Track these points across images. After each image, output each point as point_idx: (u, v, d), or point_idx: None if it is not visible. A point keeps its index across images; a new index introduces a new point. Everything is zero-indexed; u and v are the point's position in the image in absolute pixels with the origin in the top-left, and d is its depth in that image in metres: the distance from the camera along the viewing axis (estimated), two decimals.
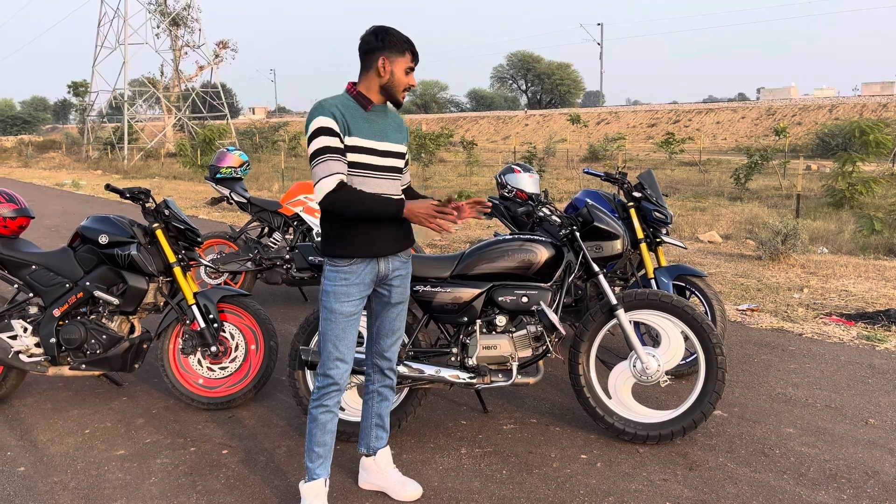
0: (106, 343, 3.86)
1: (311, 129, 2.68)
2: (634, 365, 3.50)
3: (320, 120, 2.67)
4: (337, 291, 2.76)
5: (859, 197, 13.02)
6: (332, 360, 2.80)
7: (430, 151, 24.26)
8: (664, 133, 26.94)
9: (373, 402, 3.09)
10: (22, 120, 79.84)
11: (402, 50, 2.74)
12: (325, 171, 2.64)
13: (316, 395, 2.84)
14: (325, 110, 2.68)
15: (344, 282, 2.75)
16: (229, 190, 6.47)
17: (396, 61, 2.74)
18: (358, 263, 2.76)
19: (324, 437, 2.86)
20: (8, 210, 3.96)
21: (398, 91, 2.78)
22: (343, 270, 2.75)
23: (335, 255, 2.76)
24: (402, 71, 2.75)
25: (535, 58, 73.85)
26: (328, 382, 2.82)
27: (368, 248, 2.76)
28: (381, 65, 2.72)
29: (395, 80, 2.75)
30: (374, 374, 3.06)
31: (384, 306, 2.94)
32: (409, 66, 2.77)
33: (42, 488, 3.18)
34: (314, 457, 2.86)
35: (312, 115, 2.69)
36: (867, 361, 4.71)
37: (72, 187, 20.89)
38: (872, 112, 34.52)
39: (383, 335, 2.99)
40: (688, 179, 20.13)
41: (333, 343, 2.79)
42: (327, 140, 2.65)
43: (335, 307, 2.76)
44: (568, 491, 3.07)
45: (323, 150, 2.65)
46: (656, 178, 4.65)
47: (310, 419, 2.86)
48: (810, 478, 3.16)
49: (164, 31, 40.60)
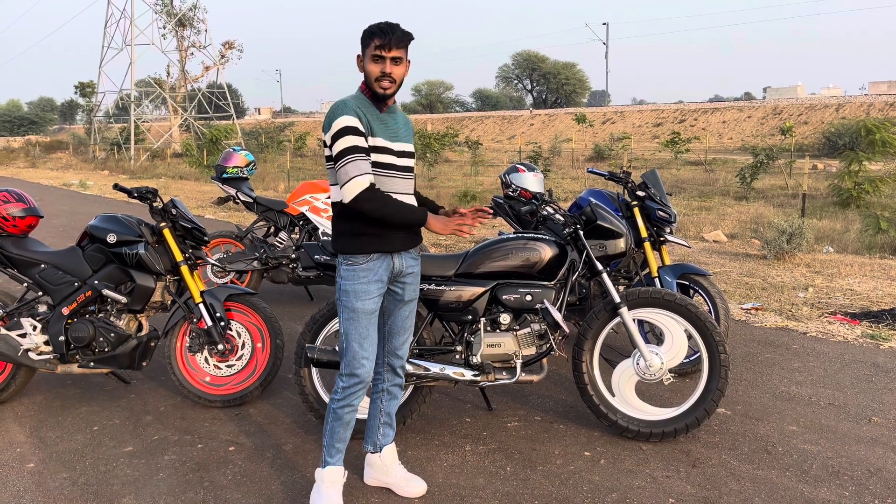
0: (114, 341, 3.90)
1: (337, 128, 2.67)
2: (638, 363, 3.52)
3: (346, 119, 2.67)
4: (357, 290, 2.77)
5: (865, 196, 12.98)
6: (358, 359, 2.81)
7: (436, 151, 24.30)
8: (670, 132, 26.88)
9: (382, 401, 3.10)
10: (29, 120, 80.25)
11: (367, 40, 2.70)
12: (356, 171, 2.64)
13: (341, 395, 2.84)
14: (349, 109, 2.69)
15: (364, 279, 2.77)
16: (235, 189, 6.51)
17: (365, 54, 2.72)
18: (375, 260, 2.78)
19: (346, 433, 2.89)
20: (17, 209, 4.01)
21: (373, 83, 2.72)
22: (361, 268, 2.77)
23: (353, 251, 2.77)
24: (370, 60, 2.70)
25: (540, 57, 73.81)
26: (354, 381, 2.83)
27: (385, 244, 2.78)
28: (358, 62, 2.75)
29: (366, 72, 2.73)
30: (386, 373, 3.08)
31: (397, 304, 2.96)
32: (374, 53, 2.68)
33: (51, 484, 3.22)
34: (334, 452, 2.89)
35: (336, 113, 2.69)
36: (871, 360, 4.72)
37: (79, 187, 20.99)
38: (879, 111, 34.39)
39: (396, 333, 3.01)
40: (693, 179, 20.10)
41: (359, 342, 2.80)
42: (354, 139, 2.66)
43: (357, 306, 2.78)
44: (571, 487, 3.10)
45: (352, 149, 2.65)
46: (660, 178, 4.67)
47: (333, 417, 2.86)
48: (813, 475, 3.18)
49: (170, 32, 40.70)
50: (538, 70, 73.83)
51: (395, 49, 2.68)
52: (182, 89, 41.61)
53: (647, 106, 52.86)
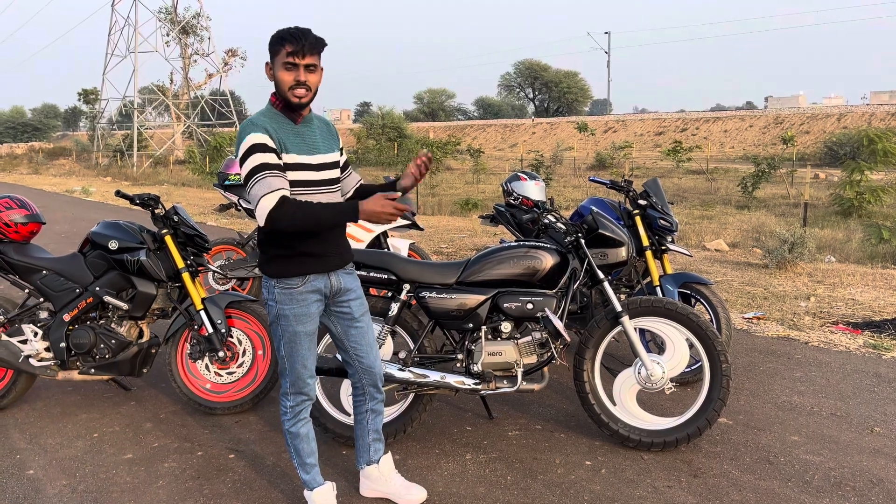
0: (115, 348, 3.90)
1: (244, 148, 2.51)
2: (639, 372, 3.51)
3: (253, 137, 2.51)
4: (297, 313, 2.67)
5: (867, 206, 12.98)
6: (304, 379, 2.78)
7: (438, 159, 24.32)
8: (671, 141, 26.92)
9: (367, 421, 3.05)
10: (32, 127, 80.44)
11: (277, 46, 2.53)
12: (264, 189, 2.47)
13: (291, 414, 2.80)
14: (256, 127, 2.53)
15: (302, 302, 2.66)
16: (237, 197, 6.51)
17: (276, 62, 2.55)
18: (312, 281, 2.68)
19: (310, 445, 2.86)
20: (19, 216, 4.01)
21: (286, 93, 2.56)
22: (298, 290, 2.65)
23: (289, 275, 2.63)
24: (282, 68, 2.54)
25: (542, 66, 73.97)
26: (302, 399, 2.80)
27: (320, 264, 2.67)
28: (267, 72, 2.58)
29: (278, 81, 2.56)
30: (366, 395, 3.01)
31: (351, 324, 2.86)
32: (286, 60, 2.52)
33: (51, 491, 3.21)
34: (309, 468, 2.87)
35: (243, 133, 2.54)
36: (873, 370, 4.71)
37: (82, 194, 21.03)
38: (881, 121, 34.40)
39: (364, 353, 2.92)
40: (695, 188, 20.11)
41: (302, 364, 2.76)
42: (263, 157, 2.50)
43: (298, 329, 2.69)
44: (572, 497, 3.08)
45: (259, 167, 2.49)
46: (662, 186, 4.67)
47: (291, 437, 2.82)
48: (815, 485, 3.16)
49: (173, 40, 40.89)
50: (540, 79, 73.97)
51: (308, 56, 2.53)
52: (185, 96, 41.75)
53: (649, 115, 52.95)
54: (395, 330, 3.59)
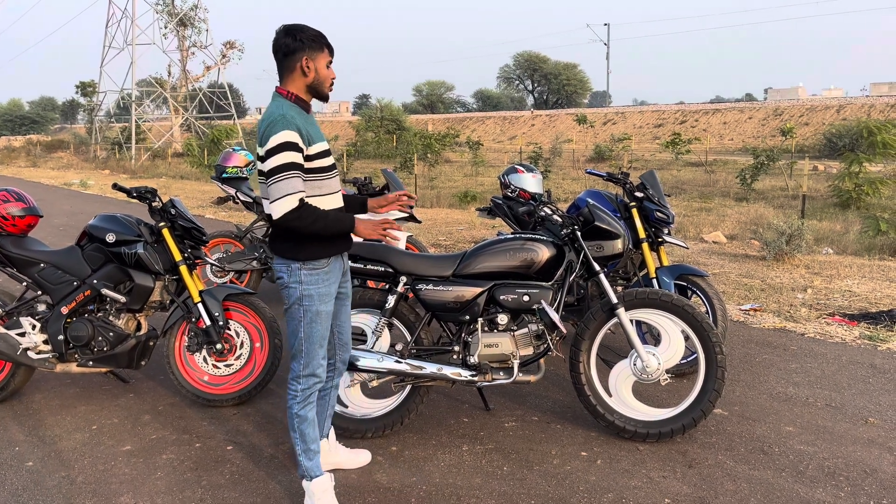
0: (113, 340, 3.91)
1: (276, 143, 2.64)
2: (635, 363, 3.53)
3: (287, 135, 2.65)
4: (321, 293, 2.83)
5: (866, 198, 12.99)
6: (318, 360, 2.88)
7: (436, 152, 24.30)
8: (671, 133, 26.91)
9: (330, 396, 3.20)
10: (30, 120, 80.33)
11: (319, 46, 2.77)
12: (287, 189, 2.64)
13: (301, 398, 2.86)
14: (290, 124, 2.66)
15: (326, 281, 2.83)
16: (235, 189, 6.52)
17: (317, 58, 2.77)
18: (333, 262, 2.85)
19: (315, 431, 2.91)
20: (17, 209, 4.02)
21: (325, 87, 2.82)
22: (324, 270, 2.82)
23: (314, 257, 2.79)
24: (324, 66, 2.79)
25: (541, 58, 73.85)
26: (314, 381, 2.89)
27: (339, 246, 2.87)
28: (304, 65, 2.75)
29: (320, 77, 2.79)
30: (335, 371, 3.17)
31: (343, 301, 3.07)
32: (328, 60, 2.81)
33: (50, 483, 3.23)
34: (312, 454, 2.90)
35: (277, 126, 2.65)
36: (869, 361, 4.73)
37: (80, 187, 21.02)
38: (880, 112, 34.37)
39: (345, 329, 3.12)
40: (694, 180, 20.11)
41: (320, 343, 2.87)
42: (292, 156, 2.66)
43: (321, 309, 2.83)
44: (568, 487, 3.11)
45: (288, 166, 2.65)
46: (659, 179, 4.68)
47: (299, 421, 2.87)
48: (809, 475, 3.18)
49: (171, 32, 40.78)
50: (539, 71, 73.86)
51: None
52: (183, 89, 41.65)
53: (648, 107, 52.89)
54: (392, 322, 3.61)
